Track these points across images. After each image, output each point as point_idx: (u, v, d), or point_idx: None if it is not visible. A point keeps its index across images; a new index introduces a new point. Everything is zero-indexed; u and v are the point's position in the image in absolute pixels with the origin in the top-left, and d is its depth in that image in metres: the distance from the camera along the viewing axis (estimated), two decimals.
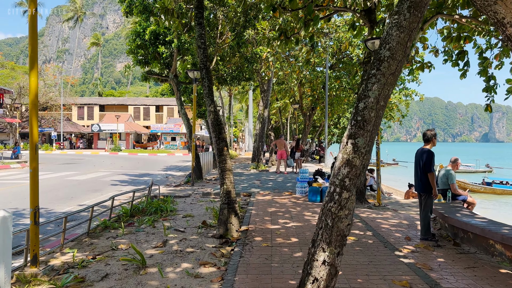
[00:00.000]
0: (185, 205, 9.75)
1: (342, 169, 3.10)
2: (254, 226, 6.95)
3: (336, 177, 3.12)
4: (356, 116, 3.16)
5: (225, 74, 15.92)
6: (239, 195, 11.06)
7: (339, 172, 3.11)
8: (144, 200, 9.81)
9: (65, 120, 51.41)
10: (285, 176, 16.46)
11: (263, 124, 19.80)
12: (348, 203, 3.07)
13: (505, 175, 42.96)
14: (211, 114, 6.83)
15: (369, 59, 10.65)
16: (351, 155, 3.08)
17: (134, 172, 20.23)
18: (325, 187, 9.56)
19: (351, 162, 3.07)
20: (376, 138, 9.61)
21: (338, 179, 3.10)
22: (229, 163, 6.79)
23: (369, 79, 3.16)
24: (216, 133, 6.78)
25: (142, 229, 7.24)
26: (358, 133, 3.10)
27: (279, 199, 10.08)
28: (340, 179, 3.09)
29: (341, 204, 3.06)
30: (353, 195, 3.10)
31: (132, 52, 13.99)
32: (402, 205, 10.46)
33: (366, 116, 3.10)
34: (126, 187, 14.45)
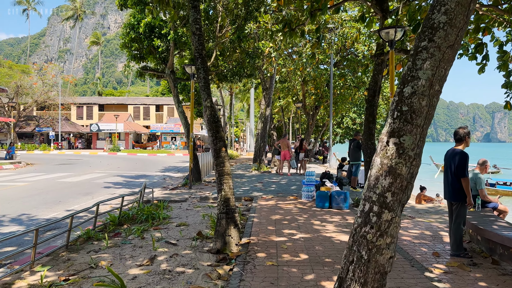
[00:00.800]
0: (181, 211, 8.87)
1: (381, 179, 2.21)
2: (256, 238, 6.06)
3: (373, 190, 2.23)
4: (400, 106, 2.27)
5: (225, 70, 15.03)
6: (240, 200, 10.17)
7: (376, 183, 2.23)
8: (135, 206, 8.93)
9: (63, 119, 50.59)
10: (289, 178, 15.56)
11: (265, 123, 18.91)
12: (390, 228, 2.19)
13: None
14: (207, 110, 5.95)
15: (381, 51, 9.76)
16: (395, 160, 2.20)
17: (130, 174, 19.36)
18: (334, 191, 8.67)
19: (395, 170, 2.19)
20: None
21: (375, 194, 2.22)
22: (228, 166, 5.90)
23: (419, 54, 2.27)
24: (213, 131, 5.90)
25: (129, 241, 6.36)
26: (404, 129, 2.21)
27: (284, 204, 9.19)
28: (379, 193, 2.20)
29: (380, 228, 2.18)
30: (398, 216, 2.21)
31: (126, 46, 13.12)
32: (418, 211, 9.55)
33: (415, 105, 2.22)
34: (120, 189, 13.58)
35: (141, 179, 17.12)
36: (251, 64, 14.82)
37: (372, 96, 9.63)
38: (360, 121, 39.67)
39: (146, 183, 9.51)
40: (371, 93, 9.65)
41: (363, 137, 9.64)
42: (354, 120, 40.12)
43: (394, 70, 8.89)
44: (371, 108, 9.62)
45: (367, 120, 9.62)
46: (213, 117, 5.91)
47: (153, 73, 14.12)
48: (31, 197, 11.70)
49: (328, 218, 7.60)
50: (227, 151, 5.99)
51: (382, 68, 9.81)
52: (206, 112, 5.96)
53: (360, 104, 36.67)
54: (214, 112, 5.95)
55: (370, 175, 2.28)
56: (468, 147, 5.31)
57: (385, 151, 2.24)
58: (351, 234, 2.32)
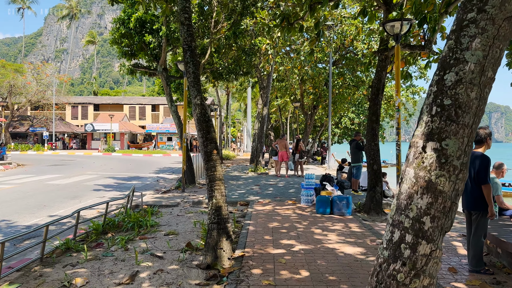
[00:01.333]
0: (171, 217, 8.26)
1: (416, 198, 1.63)
2: (251, 250, 5.47)
3: (405, 213, 1.65)
4: (440, 98, 1.68)
5: (220, 67, 14.42)
6: (235, 205, 9.57)
7: (410, 203, 1.64)
8: (122, 212, 8.32)
9: (58, 119, 49.83)
10: (287, 180, 14.97)
11: (262, 123, 18.31)
12: (429, 265, 1.61)
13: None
14: (197, 108, 5.35)
15: (385, 46, 9.19)
16: (435, 172, 1.61)
17: (123, 175, 18.72)
18: (335, 196, 8.08)
19: (435, 186, 1.61)
20: (397, 139, 8.11)
21: (408, 218, 1.63)
22: (220, 170, 5.30)
23: (464, 30, 1.68)
24: (203, 132, 5.29)
25: (111, 253, 5.75)
26: (447, 129, 1.63)
27: (282, 209, 8.60)
28: (414, 217, 1.62)
29: (416, 266, 1.60)
30: (440, 249, 1.62)
31: (116, 42, 12.50)
32: None
33: (462, 97, 1.64)
34: (110, 193, 12.96)
35: (133, 181, 16.49)
36: (247, 62, 14.22)
37: (376, 94, 9.06)
38: (358, 121, 39.13)
39: (135, 186, 8.91)
40: (375, 91, 9.08)
41: (366, 138, 9.07)
42: (352, 120, 39.56)
43: (404, 65, 8.31)
44: (374, 106, 9.04)
45: (370, 120, 9.04)
46: (203, 116, 5.31)
47: (145, 71, 13.50)
48: (14, 201, 11.07)
49: (329, 226, 7.02)
50: (219, 154, 5.39)
51: (386, 65, 9.23)
52: (195, 111, 5.36)
53: (358, 104, 36.16)
54: (205, 111, 5.35)
55: (400, 191, 1.70)
56: (489, 149, 4.74)
57: (420, 160, 1.65)
58: (373, 271, 1.73)
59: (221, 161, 27.55)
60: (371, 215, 8.57)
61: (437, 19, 8.65)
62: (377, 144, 8.96)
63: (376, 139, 8.96)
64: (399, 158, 8.06)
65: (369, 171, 8.89)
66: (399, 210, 1.67)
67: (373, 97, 9.08)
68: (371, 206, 8.68)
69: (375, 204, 8.67)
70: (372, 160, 8.86)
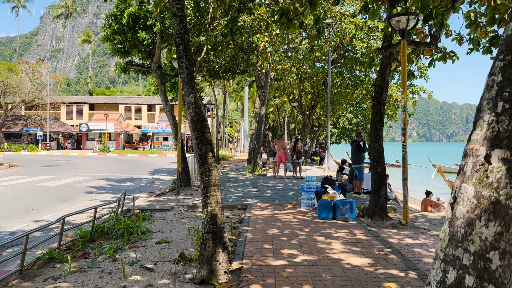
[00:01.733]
0: (164, 223, 7.80)
1: (479, 226, 1.21)
2: (250, 262, 5.03)
3: (462, 245, 1.22)
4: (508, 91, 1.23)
5: (217, 65, 13.97)
6: (232, 209, 9.12)
7: (470, 232, 1.22)
8: (113, 217, 7.86)
9: (52, 119, 49.21)
10: (285, 182, 14.54)
11: (260, 123, 17.86)
12: None
13: None
14: (191, 106, 4.90)
15: (389, 43, 8.77)
16: (504, 191, 1.18)
17: (117, 177, 18.24)
18: (338, 200, 7.65)
19: (505, 209, 1.16)
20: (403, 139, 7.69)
21: (468, 253, 1.20)
22: (216, 175, 4.86)
23: None
24: (197, 133, 4.85)
25: (98, 264, 5.30)
26: None
27: (281, 214, 8.16)
28: (476, 252, 1.18)
29: None
30: None
31: (108, 38, 12.02)
32: (431, 220, 8.58)
33: None
34: (103, 195, 12.50)
35: (127, 183, 16.03)
36: (244, 60, 13.78)
37: (380, 92, 8.64)
38: (356, 121, 38.80)
39: (126, 190, 8.44)
40: (378, 90, 8.66)
41: (370, 139, 8.64)
42: (350, 120, 39.19)
43: (406, 63, 7.90)
44: (378, 106, 8.62)
45: (374, 120, 8.62)
46: (197, 115, 4.86)
47: (139, 69, 13.03)
48: (1, 204, 10.59)
49: (333, 233, 6.58)
50: (214, 157, 4.94)
51: (390, 62, 8.81)
52: (189, 110, 4.91)
53: (356, 104, 35.79)
54: (199, 110, 4.91)
55: (454, 215, 1.27)
56: None
57: (483, 174, 1.22)
58: None
59: (217, 162, 27.09)
60: (376, 220, 8.15)
61: (444, 14, 8.25)
62: (381, 146, 8.55)
63: (380, 140, 8.54)
64: (405, 160, 7.64)
65: (372, 173, 8.47)
66: (455, 241, 1.23)
67: (377, 96, 8.67)
68: (375, 210, 8.26)
69: (379, 208, 8.25)
70: (376, 162, 8.44)
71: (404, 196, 7.67)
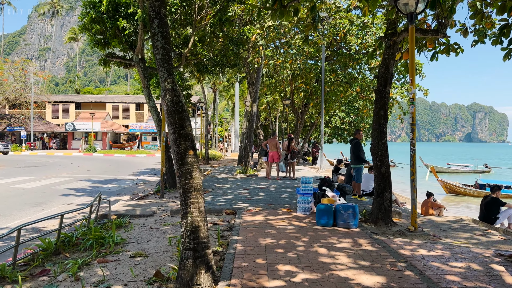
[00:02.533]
0: (143, 231, 6.89)
1: None
2: (239, 283, 4.15)
3: None
4: None
5: (205, 59, 13.05)
6: (220, 213, 8.24)
7: None
8: (85, 224, 6.93)
9: (37, 118, 47.74)
10: (278, 184, 13.68)
11: (251, 121, 16.98)
12: None
13: (505, 175, 40.72)
14: (167, 94, 4.02)
15: (393, 30, 7.97)
16: None
17: (100, 178, 17.23)
18: (339, 205, 6.81)
19: None
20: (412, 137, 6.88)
21: None
22: (198, 177, 3.97)
23: None
24: (175, 126, 3.96)
25: (56, 285, 4.39)
26: None
27: (275, 220, 7.29)
28: None
29: None
30: None
31: (86, 28, 11.04)
32: (439, 226, 7.79)
33: None
34: (80, 198, 11.53)
35: (110, 184, 15.05)
36: (234, 53, 12.87)
37: (383, 85, 7.83)
38: (348, 120, 38.13)
39: (101, 193, 7.51)
40: (382, 82, 7.85)
41: (372, 136, 7.83)
42: (342, 119, 38.49)
43: (414, 52, 7.10)
44: (382, 100, 7.81)
45: (377, 115, 7.81)
46: (175, 105, 3.98)
47: (120, 61, 12.05)
48: None
49: (335, 243, 5.74)
50: (196, 155, 4.05)
51: (394, 52, 8.02)
52: (165, 98, 4.03)
53: (349, 103, 35.10)
54: (178, 98, 4.02)
55: None
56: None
57: None
58: None
59: (207, 163, 26.11)
60: (380, 226, 7.34)
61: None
62: (385, 144, 7.74)
63: (384, 137, 7.74)
64: (414, 160, 6.83)
65: (376, 174, 7.65)
66: None
67: (380, 89, 7.86)
68: (379, 215, 7.44)
69: (384, 213, 7.44)
70: (380, 162, 7.62)
71: (412, 199, 6.86)
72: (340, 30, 20.55)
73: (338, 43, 22.98)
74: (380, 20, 21.38)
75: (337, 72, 22.52)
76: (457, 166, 43.63)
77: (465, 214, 17.06)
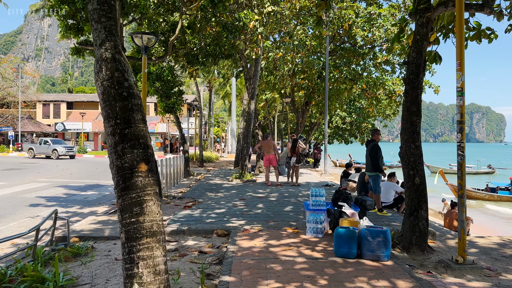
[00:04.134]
0: (105, 263, 5.20)
1: None
2: None
3: None
4: None
5: (195, 48, 11.36)
6: (210, 235, 6.55)
7: None
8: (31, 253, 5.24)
9: (26, 118, 45.90)
10: (280, 192, 11.99)
11: (249, 120, 15.31)
12: None
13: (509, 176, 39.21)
14: (104, 67, 2.34)
15: (427, 4, 6.28)
16: None
17: (80, 183, 15.52)
18: (365, 229, 5.14)
19: None
20: None
21: None
22: (155, 212, 2.29)
23: None
24: (114, 121, 2.29)
25: None
26: None
27: (280, 247, 5.62)
28: None
29: None
30: None
31: (54, 10, 9.34)
32: (487, 251, 6.13)
33: None
34: (50, 209, 9.79)
35: (89, 191, 13.37)
36: (229, 41, 11.20)
37: (416, 73, 6.17)
38: (350, 120, 36.45)
39: (57, 211, 5.82)
40: (414, 70, 6.18)
41: (403, 137, 6.17)
42: (344, 119, 36.80)
43: (463, 26, 5.43)
44: (413, 92, 6.15)
45: (407, 111, 6.15)
46: (117, 86, 2.31)
47: None
48: None
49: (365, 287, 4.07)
50: (153, 172, 2.36)
51: (428, 32, 6.35)
52: (100, 73, 2.36)
53: (350, 102, 33.44)
54: (121, 74, 2.35)
55: None
56: None
57: None
58: None
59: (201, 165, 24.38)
60: (414, 253, 5.68)
61: None
62: (419, 147, 6.08)
63: (418, 139, 6.07)
64: (463, 168, 5.16)
65: (408, 186, 5.99)
66: None
67: (411, 78, 6.19)
68: (412, 239, 5.78)
69: (419, 236, 5.78)
70: (413, 170, 5.96)
71: (461, 221, 5.19)
72: (345, 21, 18.94)
73: (341, 37, 21.36)
74: (388, 12, 19.81)
75: (340, 68, 20.88)
76: None
77: (490, 224, 15.52)
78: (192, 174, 17.37)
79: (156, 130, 44.05)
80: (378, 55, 20.48)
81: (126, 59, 2.45)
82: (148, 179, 2.30)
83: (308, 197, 10.64)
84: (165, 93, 16.14)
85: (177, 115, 16.84)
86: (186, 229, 6.59)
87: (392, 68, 21.32)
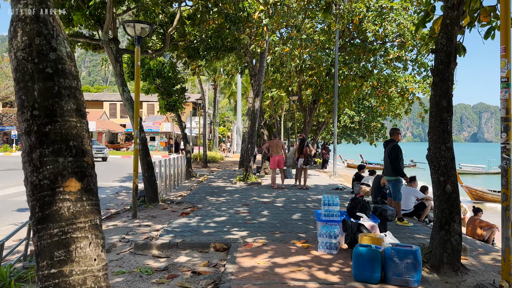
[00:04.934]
0: None
1: None
2: None
3: None
4: None
5: (195, 40, 10.53)
6: (206, 249, 5.70)
7: None
8: None
9: None
10: (287, 196, 11.12)
11: (254, 119, 14.47)
12: None
13: None
14: (20, 30, 1.49)
15: None
16: None
17: None
18: (390, 248, 4.27)
19: None
20: None
21: None
22: (90, 256, 1.43)
23: None
24: (30, 112, 1.43)
25: None
26: None
27: (287, 267, 4.76)
28: None
29: None
30: None
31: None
32: None
33: None
34: None
35: None
36: (232, 33, 10.36)
37: (446, 63, 5.27)
38: (358, 119, 35.42)
39: None
40: (443, 59, 5.28)
41: (431, 137, 5.28)
42: (352, 118, 35.78)
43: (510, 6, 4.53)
44: (443, 84, 5.26)
45: (437, 107, 5.25)
46: (36, 56, 1.46)
47: (87, 42, 9.58)
48: None
49: None
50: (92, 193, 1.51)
51: (459, 15, 5.45)
52: (14, 40, 1.50)
53: (359, 101, 32.46)
54: (45, 39, 1.50)
55: None
56: None
57: None
58: None
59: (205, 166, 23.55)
60: (446, 273, 4.80)
61: None
62: (451, 149, 5.19)
63: (449, 139, 5.18)
64: (509, 174, 4.27)
65: (438, 194, 5.10)
66: None
67: (440, 68, 5.29)
68: (443, 257, 4.90)
69: (451, 253, 4.90)
70: (444, 176, 5.07)
71: (505, 238, 4.30)
72: (355, 15, 18.04)
73: (351, 32, 20.46)
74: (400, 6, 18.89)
75: (350, 64, 19.98)
76: (469, 167, 41.16)
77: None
78: (194, 176, 16.57)
79: (160, 130, 43.40)
80: (390, 51, 19.56)
81: (59, 21, 1.63)
82: (81, 204, 1.46)
83: (317, 202, 9.77)
84: (166, 90, 15.36)
85: (179, 113, 16.05)
86: (179, 242, 5.76)
87: (404, 65, 20.36)
